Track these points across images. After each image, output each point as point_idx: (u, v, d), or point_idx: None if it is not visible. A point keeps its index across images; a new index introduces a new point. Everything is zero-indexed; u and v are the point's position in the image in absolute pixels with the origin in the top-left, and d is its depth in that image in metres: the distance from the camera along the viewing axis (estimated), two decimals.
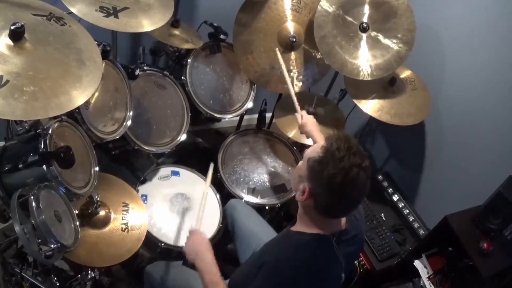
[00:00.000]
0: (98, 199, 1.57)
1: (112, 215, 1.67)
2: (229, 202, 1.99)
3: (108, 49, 1.63)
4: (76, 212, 1.45)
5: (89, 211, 1.58)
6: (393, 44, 2.03)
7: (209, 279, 1.30)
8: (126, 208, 1.73)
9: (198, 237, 1.46)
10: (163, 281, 1.61)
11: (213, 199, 2.09)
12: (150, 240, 1.80)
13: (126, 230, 1.67)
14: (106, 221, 1.64)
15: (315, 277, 1.18)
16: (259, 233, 1.75)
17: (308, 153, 1.21)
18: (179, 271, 1.67)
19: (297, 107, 1.90)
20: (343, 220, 1.28)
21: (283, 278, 1.16)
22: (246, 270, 1.33)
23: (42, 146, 1.33)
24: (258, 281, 1.19)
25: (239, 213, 1.88)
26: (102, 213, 1.63)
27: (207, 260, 1.35)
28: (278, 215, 2.24)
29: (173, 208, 1.97)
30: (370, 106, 2.12)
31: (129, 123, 1.83)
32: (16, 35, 1.16)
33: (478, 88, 2.05)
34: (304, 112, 1.87)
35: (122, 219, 1.69)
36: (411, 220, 2.24)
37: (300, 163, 1.24)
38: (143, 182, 2.02)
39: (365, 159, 1.13)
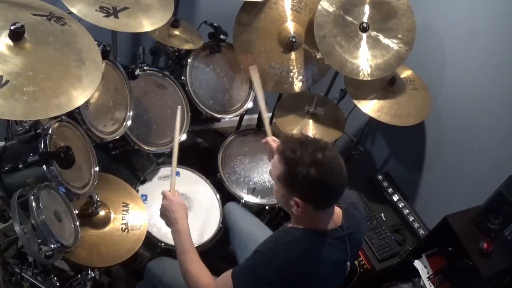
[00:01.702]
0: (98, 199, 1.57)
1: (112, 215, 1.67)
2: (226, 205, 1.99)
3: (108, 49, 1.63)
4: (76, 212, 1.45)
5: (89, 211, 1.58)
6: (393, 44, 2.03)
7: (186, 247, 1.34)
8: (126, 208, 1.73)
9: (178, 201, 1.42)
10: (164, 277, 1.61)
11: (213, 199, 2.09)
12: (150, 240, 1.81)
13: (126, 230, 1.67)
14: (106, 221, 1.64)
15: (305, 274, 1.19)
16: (256, 234, 1.75)
17: (273, 173, 1.24)
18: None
19: (269, 131, 1.84)
20: (339, 213, 1.29)
21: (272, 269, 1.18)
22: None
23: (42, 146, 1.33)
24: (248, 262, 1.22)
25: (237, 216, 1.89)
26: (102, 213, 1.63)
27: (186, 227, 1.37)
28: (278, 215, 2.24)
29: None
30: (370, 107, 2.12)
31: (129, 123, 1.83)
32: (16, 35, 1.16)
33: (478, 88, 2.05)
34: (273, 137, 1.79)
35: (122, 219, 1.69)
36: (411, 220, 2.24)
37: (275, 186, 1.26)
38: (143, 182, 2.02)
39: (319, 141, 1.18)
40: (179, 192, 1.47)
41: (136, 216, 1.73)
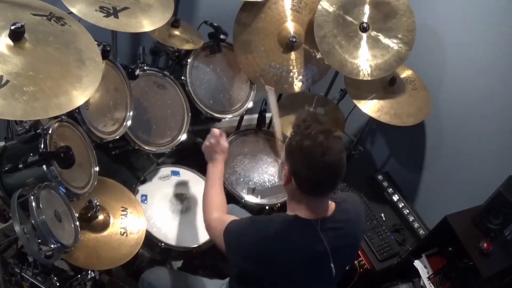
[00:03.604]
0: (97, 203, 1.57)
1: (111, 220, 1.67)
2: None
3: (108, 49, 1.63)
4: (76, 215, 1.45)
5: (89, 215, 1.58)
6: (393, 44, 2.03)
7: (213, 178, 1.54)
8: (124, 213, 1.73)
9: (224, 145, 1.60)
10: (159, 285, 1.61)
11: None
12: (150, 240, 1.80)
13: (125, 234, 1.67)
14: (105, 225, 1.64)
15: (273, 253, 1.21)
16: None
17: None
18: (175, 277, 1.67)
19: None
20: (331, 207, 1.27)
21: (250, 239, 1.22)
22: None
23: (42, 146, 1.33)
24: (240, 223, 1.30)
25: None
26: (101, 217, 1.63)
27: (220, 167, 1.58)
28: None
29: (173, 208, 1.97)
30: (370, 106, 2.12)
31: (129, 123, 1.82)
32: (16, 35, 1.16)
33: (479, 88, 2.05)
34: None
35: (121, 224, 1.69)
36: (411, 220, 2.24)
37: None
38: (143, 182, 2.02)
39: (331, 128, 1.18)
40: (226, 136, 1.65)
41: (134, 220, 1.73)
